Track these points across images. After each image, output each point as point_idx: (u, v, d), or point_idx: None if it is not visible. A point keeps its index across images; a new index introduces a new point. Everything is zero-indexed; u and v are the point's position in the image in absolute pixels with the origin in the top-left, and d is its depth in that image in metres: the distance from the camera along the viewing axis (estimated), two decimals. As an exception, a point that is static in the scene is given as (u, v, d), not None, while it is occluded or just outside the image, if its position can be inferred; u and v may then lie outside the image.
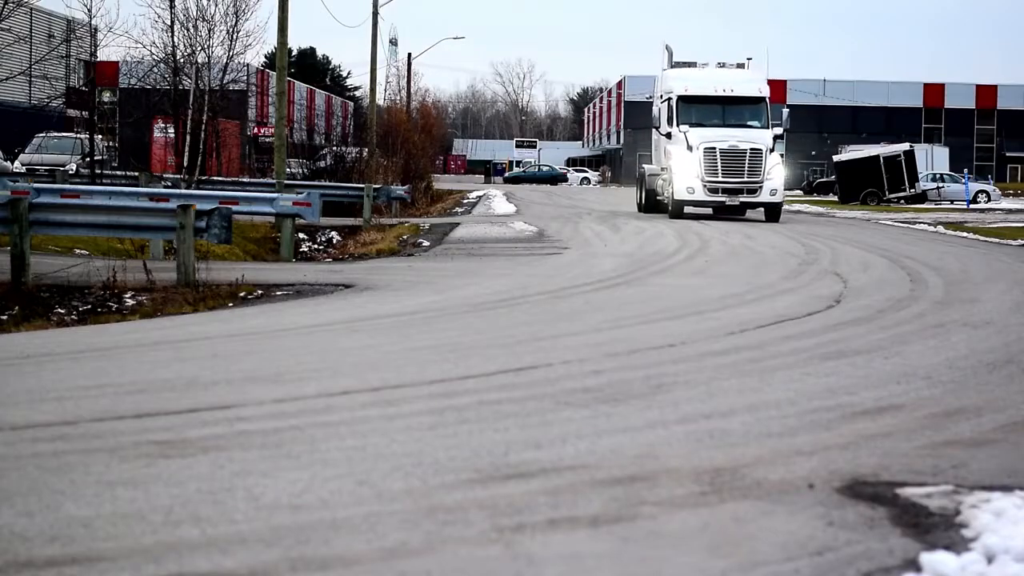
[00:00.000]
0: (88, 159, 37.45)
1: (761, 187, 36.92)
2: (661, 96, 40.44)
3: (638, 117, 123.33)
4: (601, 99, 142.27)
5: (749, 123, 38.19)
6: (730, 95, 38.72)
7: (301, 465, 6.52)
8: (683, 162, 37.20)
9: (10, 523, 5.40)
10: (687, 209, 38.69)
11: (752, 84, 39.42)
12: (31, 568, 4.85)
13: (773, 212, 37.65)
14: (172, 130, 45.47)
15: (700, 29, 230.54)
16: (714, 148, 36.94)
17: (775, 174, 37.15)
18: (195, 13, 41.99)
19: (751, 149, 36.87)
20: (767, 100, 39.08)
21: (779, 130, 38.10)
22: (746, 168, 36.75)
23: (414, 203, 47.44)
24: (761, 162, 36.82)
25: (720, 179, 36.82)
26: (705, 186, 36.93)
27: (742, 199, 37.15)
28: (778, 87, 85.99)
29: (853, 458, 6.81)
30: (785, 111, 39.21)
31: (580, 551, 5.17)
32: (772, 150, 37.30)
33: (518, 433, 7.42)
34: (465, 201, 56.06)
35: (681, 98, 38.69)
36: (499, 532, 5.37)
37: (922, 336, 12.36)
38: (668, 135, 38.79)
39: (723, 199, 37.15)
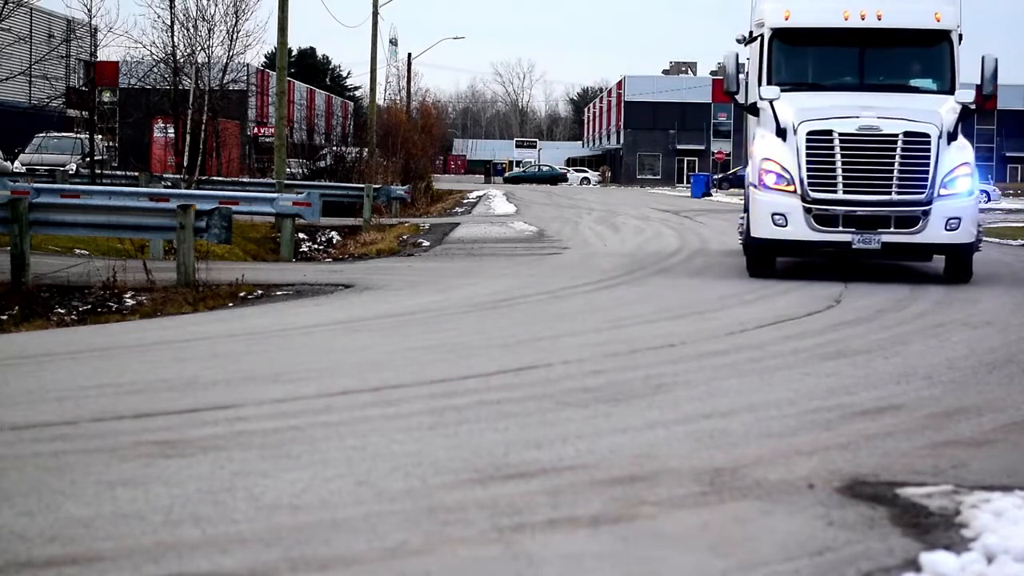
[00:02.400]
0: (88, 159, 37.45)
1: (928, 211, 18.06)
2: (749, 35, 21.58)
3: (638, 117, 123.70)
4: (601, 99, 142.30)
5: (912, 83, 19.96)
6: (873, 27, 19.56)
7: (301, 465, 6.52)
8: (768, 161, 18.51)
9: (10, 523, 5.40)
10: (783, 259, 20.05)
11: (920, 6, 19.82)
12: (31, 568, 4.85)
13: (957, 264, 18.71)
14: (172, 130, 45.46)
15: (700, 30, 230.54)
16: (830, 132, 18.15)
17: (959, 184, 18.21)
18: (195, 13, 42.02)
19: (907, 135, 18.03)
20: (952, 38, 19.62)
21: (970, 96, 18.88)
22: (895, 173, 18.07)
23: (414, 203, 47.45)
24: (928, 159, 18.04)
25: (841, 194, 18.14)
26: (810, 211, 18.22)
27: (886, 237, 18.08)
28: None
29: (853, 458, 6.81)
30: (991, 60, 19.21)
31: (580, 551, 5.17)
32: (954, 136, 18.40)
33: (518, 433, 7.42)
34: (465, 201, 56.06)
35: (778, 33, 19.77)
36: (499, 532, 5.37)
37: (922, 336, 12.36)
38: (753, 108, 20.07)
39: (847, 236, 18.13)
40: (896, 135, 18.03)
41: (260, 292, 17.06)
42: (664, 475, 6.39)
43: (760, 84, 19.40)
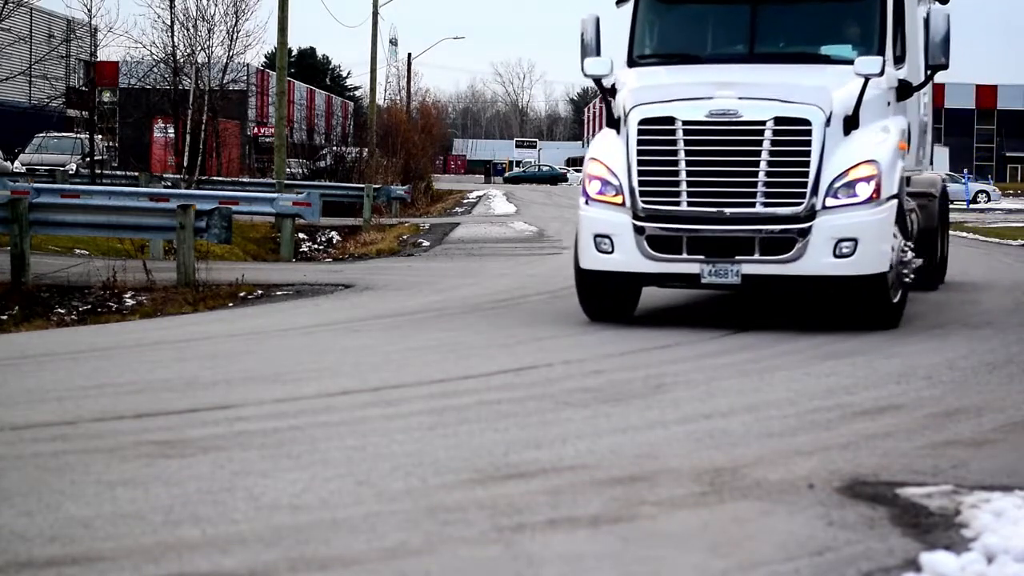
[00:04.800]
0: (88, 159, 37.44)
1: (807, 230, 12.23)
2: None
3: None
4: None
5: (824, 52, 13.87)
6: None
7: (301, 465, 6.51)
8: (593, 163, 13.07)
9: (10, 523, 5.40)
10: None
11: None
12: (31, 568, 4.85)
13: (865, 303, 12.70)
14: (172, 130, 45.47)
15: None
16: (670, 120, 12.50)
17: (859, 189, 12.33)
18: (195, 13, 42.02)
19: (778, 122, 12.33)
20: None
21: (873, 67, 12.63)
22: (761, 175, 12.28)
23: (414, 203, 47.46)
24: (808, 156, 12.26)
25: (685, 207, 12.44)
26: (643, 231, 12.54)
27: (749, 267, 12.36)
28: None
29: (853, 458, 6.81)
30: (941, 19, 13.80)
31: (580, 551, 5.17)
32: (853, 121, 12.55)
33: (518, 433, 7.42)
34: (465, 201, 56.07)
35: None
36: (499, 532, 5.37)
37: (922, 336, 12.35)
38: (612, 90, 13.71)
39: (693, 267, 12.46)
40: (762, 122, 12.15)
41: (260, 292, 17.06)
42: (664, 475, 6.39)
43: (630, 56, 13.88)
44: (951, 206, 66.72)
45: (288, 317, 14.38)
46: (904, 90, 13.83)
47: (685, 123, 12.35)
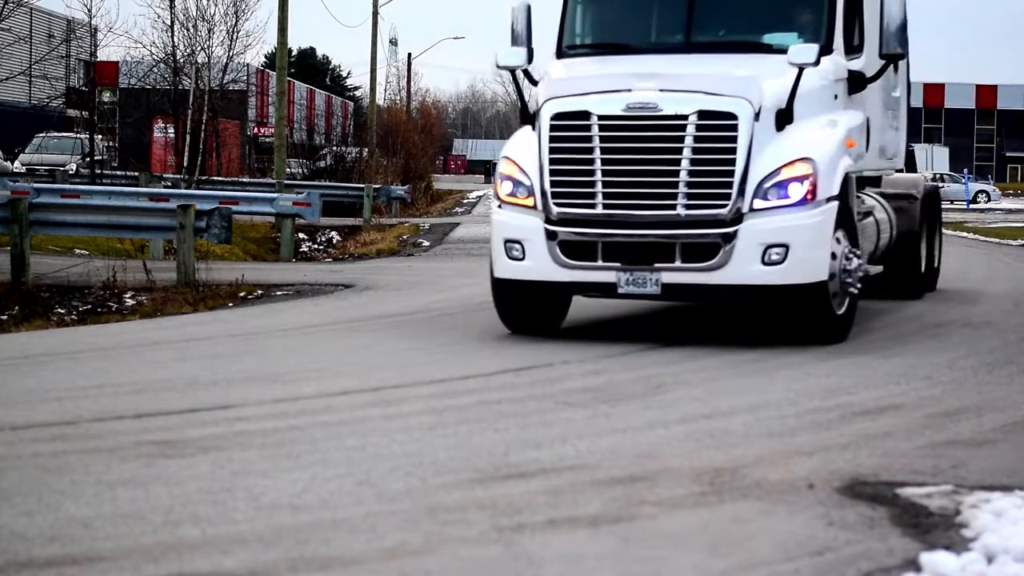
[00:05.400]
0: (88, 159, 37.44)
1: (733, 235, 11.10)
2: None
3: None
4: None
5: (766, 40, 12.49)
6: None
7: (301, 465, 6.52)
8: (505, 161, 11.98)
9: (10, 523, 5.40)
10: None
11: None
12: (31, 568, 4.85)
13: (802, 315, 11.56)
14: (172, 130, 45.47)
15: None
16: (585, 114, 11.45)
17: (792, 190, 11.19)
18: (195, 13, 42.02)
19: (702, 115, 11.21)
20: None
21: (809, 55, 11.39)
22: (682, 175, 11.17)
23: (414, 203, 47.47)
24: (733, 153, 11.14)
25: (600, 210, 11.36)
26: (555, 236, 11.50)
27: (669, 276, 11.25)
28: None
29: (853, 458, 6.81)
30: (896, 7, 12.67)
31: (580, 551, 5.17)
32: (787, 115, 11.41)
33: (518, 433, 7.42)
34: (465, 201, 56.08)
35: None
36: (499, 532, 5.37)
37: (922, 336, 12.35)
38: (537, 84, 12.59)
39: (609, 275, 11.38)
40: (684, 117, 11.14)
41: (260, 292, 17.06)
42: (664, 475, 6.39)
43: (559, 46, 12.87)
44: (951, 206, 66.05)
45: (288, 317, 14.38)
46: (857, 82, 12.65)
47: (601, 118, 11.32)
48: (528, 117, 12.01)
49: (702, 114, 11.14)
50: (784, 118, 11.37)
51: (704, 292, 11.43)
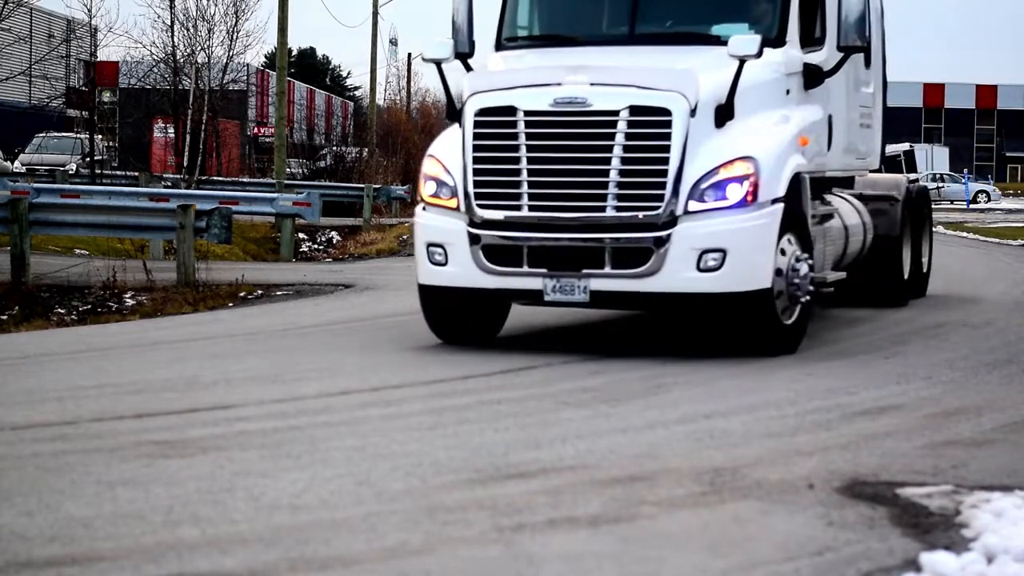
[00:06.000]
0: (88, 159, 37.45)
1: (666, 239, 10.38)
2: None
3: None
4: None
5: (715, 32, 11.94)
6: None
7: (301, 465, 6.52)
8: (429, 160, 11.43)
9: (10, 523, 5.40)
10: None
11: None
12: (31, 568, 4.85)
13: (743, 325, 10.83)
14: (172, 130, 45.48)
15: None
16: (511, 110, 10.75)
17: (730, 191, 10.46)
18: (195, 13, 42.04)
19: (634, 111, 10.48)
20: None
21: (750, 47, 10.62)
22: (612, 174, 10.46)
23: (414, 203, 47.39)
24: (667, 151, 10.42)
25: (526, 212, 10.69)
26: (479, 239, 10.84)
27: (598, 282, 10.55)
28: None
29: (853, 458, 6.81)
30: None
31: (580, 551, 5.17)
32: (727, 111, 10.69)
33: (518, 433, 7.42)
34: (465, 201, 56.00)
35: None
36: (499, 532, 5.37)
37: (922, 336, 12.35)
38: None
39: (535, 282, 10.70)
40: (615, 112, 10.45)
41: (260, 292, 17.06)
42: (664, 475, 6.39)
43: (498, 38, 12.37)
44: (951, 206, 65.87)
45: (288, 317, 14.38)
46: (814, 76, 11.84)
47: (527, 113, 10.59)
48: (455, 114, 11.30)
49: (634, 109, 10.42)
50: (724, 114, 10.63)
51: (636, 300, 10.74)
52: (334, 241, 32.46)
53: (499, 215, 10.66)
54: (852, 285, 14.02)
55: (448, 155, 11.01)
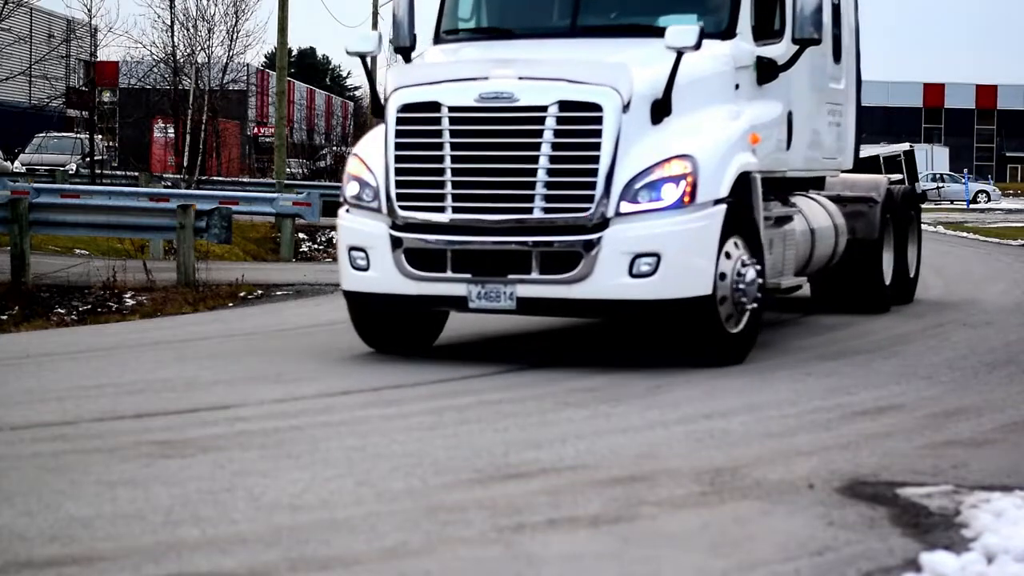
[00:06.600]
0: (88, 159, 37.44)
1: (595, 242, 9.77)
2: None
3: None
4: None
5: (662, 23, 10.84)
6: None
7: (301, 465, 6.52)
8: (353, 160, 10.87)
9: (10, 523, 5.40)
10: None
11: None
12: (31, 568, 4.85)
13: (686, 333, 10.28)
14: (172, 130, 45.46)
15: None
16: (435, 105, 10.18)
17: (665, 191, 9.87)
18: (195, 13, 42.00)
19: (563, 106, 9.91)
20: None
21: (688, 38, 10.02)
22: (540, 173, 9.88)
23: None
24: (597, 148, 9.83)
25: (450, 214, 10.11)
26: (401, 243, 10.22)
27: (525, 288, 9.94)
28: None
29: (853, 458, 6.81)
30: None
31: (580, 551, 5.17)
32: (664, 107, 10.10)
33: (518, 433, 7.42)
34: (465, 201, 55.99)
35: None
36: (499, 532, 5.37)
37: (922, 336, 12.36)
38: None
39: (459, 288, 10.09)
40: (543, 107, 9.89)
41: (260, 292, 17.06)
42: (664, 475, 6.39)
43: (437, 31, 11.86)
44: (951, 205, 65.88)
45: (288, 317, 14.38)
46: (768, 70, 11.18)
47: (452, 109, 10.01)
48: (379, 109, 10.76)
49: (563, 104, 9.82)
50: (661, 110, 10.02)
51: (565, 307, 10.06)
52: (334, 241, 32.44)
53: (421, 217, 10.08)
54: (829, 291, 13.78)
55: (372, 154, 10.45)
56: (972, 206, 64.21)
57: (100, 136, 41.04)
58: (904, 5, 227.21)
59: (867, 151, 59.81)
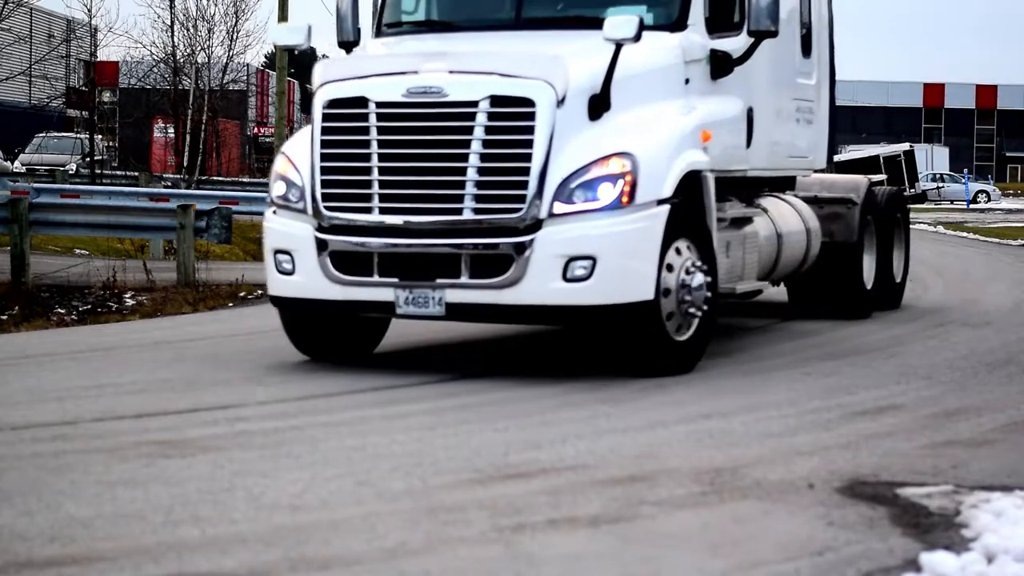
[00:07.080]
0: (88, 159, 37.46)
1: (527, 244, 9.22)
2: None
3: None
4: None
5: (607, 13, 10.17)
6: None
7: (301, 465, 6.52)
8: (280, 158, 10.29)
9: (10, 523, 5.40)
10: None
11: None
12: (31, 568, 4.85)
13: (624, 341, 9.72)
14: (172, 130, 45.49)
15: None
16: (362, 101, 9.67)
17: (601, 191, 9.29)
18: (195, 13, 42.05)
19: (495, 102, 9.38)
20: None
21: (627, 30, 9.46)
22: (470, 171, 9.36)
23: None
24: (530, 145, 9.29)
25: (377, 215, 9.60)
26: (326, 245, 9.73)
27: (455, 294, 9.41)
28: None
29: (853, 458, 6.81)
30: None
31: (580, 551, 5.17)
32: (603, 102, 9.56)
33: (518, 433, 7.42)
34: (465, 201, 56.03)
35: None
36: (499, 532, 5.37)
37: (922, 336, 12.35)
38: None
39: (386, 293, 9.56)
40: (474, 103, 9.38)
41: (260, 292, 17.03)
42: (664, 475, 6.39)
43: (378, 24, 11.45)
44: (951, 205, 65.75)
45: (288, 317, 14.36)
46: (723, 64, 10.59)
47: (379, 105, 9.52)
48: (308, 105, 10.21)
49: (495, 100, 9.31)
50: (599, 105, 9.50)
51: (496, 313, 9.50)
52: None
53: (347, 218, 9.57)
54: (807, 296, 13.27)
55: (299, 152, 9.93)
56: (972, 206, 64.21)
57: (100, 136, 41.07)
58: (904, 5, 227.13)
59: (867, 151, 59.68)
